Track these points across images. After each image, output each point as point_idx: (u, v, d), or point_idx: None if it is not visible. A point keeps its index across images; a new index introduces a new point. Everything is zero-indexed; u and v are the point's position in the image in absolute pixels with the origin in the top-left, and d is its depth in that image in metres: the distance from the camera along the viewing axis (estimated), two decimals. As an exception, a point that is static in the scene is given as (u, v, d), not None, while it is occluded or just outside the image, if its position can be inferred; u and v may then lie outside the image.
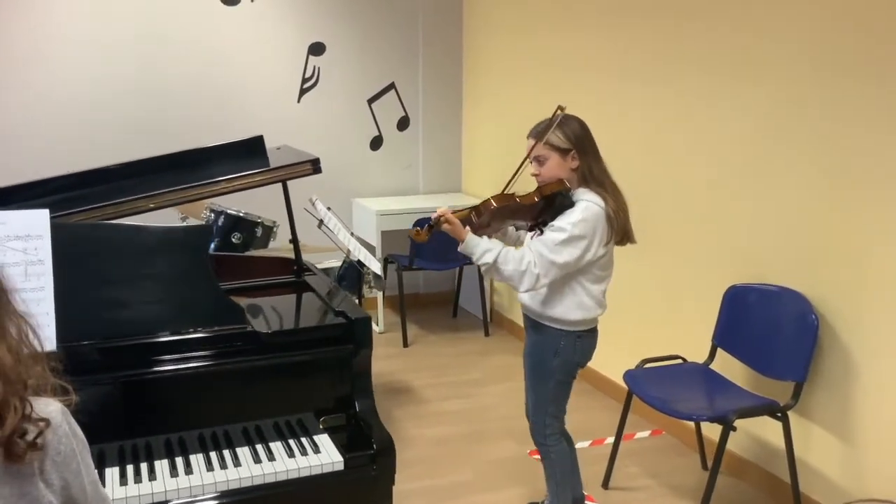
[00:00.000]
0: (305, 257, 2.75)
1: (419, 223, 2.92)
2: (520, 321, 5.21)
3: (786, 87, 3.15)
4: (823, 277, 3.04)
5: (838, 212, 2.98)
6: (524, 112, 5.10)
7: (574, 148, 2.64)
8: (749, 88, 3.31)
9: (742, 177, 3.39)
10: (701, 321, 3.54)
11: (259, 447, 2.13)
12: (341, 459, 2.07)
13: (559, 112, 2.66)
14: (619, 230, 2.66)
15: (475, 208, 2.65)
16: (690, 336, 3.61)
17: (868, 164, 2.86)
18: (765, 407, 3.04)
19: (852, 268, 2.94)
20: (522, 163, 2.72)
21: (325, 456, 2.09)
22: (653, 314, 3.98)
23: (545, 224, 2.68)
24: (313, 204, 3.18)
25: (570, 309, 2.71)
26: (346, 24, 5.44)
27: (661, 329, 3.91)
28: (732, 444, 3.53)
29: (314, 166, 2.53)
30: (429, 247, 4.73)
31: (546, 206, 2.66)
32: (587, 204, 2.61)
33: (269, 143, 5.21)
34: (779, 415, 3.03)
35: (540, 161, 2.67)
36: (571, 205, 2.63)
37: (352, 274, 2.87)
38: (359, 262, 2.85)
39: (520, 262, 2.57)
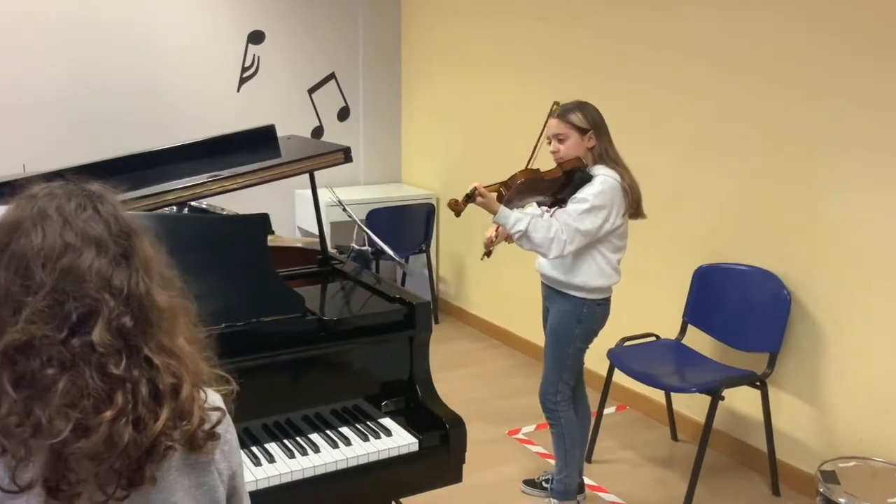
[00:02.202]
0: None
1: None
2: (470, 308, 5.37)
3: (748, 67, 3.39)
4: (790, 255, 3.32)
5: (802, 191, 3.25)
6: (462, 102, 5.24)
7: (592, 129, 2.88)
8: (710, 69, 3.55)
9: (706, 159, 3.64)
10: (668, 299, 3.77)
11: (330, 433, 2.14)
12: (416, 441, 2.12)
13: (555, 107, 2.95)
14: (633, 203, 2.90)
15: (504, 183, 2.89)
16: (660, 314, 3.83)
17: (832, 143, 3.13)
18: (745, 377, 3.28)
19: (817, 245, 3.22)
20: (539, 139, 3.03)
21: (398, 438, 2.13)
22: (622, 293, 4.18)
23: (563, 201, 2.90)
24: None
25: (592, 276, 2.93)
26: (286, 12, 5.36)
27: (631, 308, 4.11)
28: (699, 415, 3.79)
29: (346, 155, 2.54)
30: (379, 236, 4.77)
31: (566, 182, 2.89)
32: (604, 177, 2.85)
33: (212, 134, 5.11)
34: (757, 384, 3.29)
35: (560, 139, 2.90)
36: (589, 179, 2.86)
37: (361, 261, 2.89)
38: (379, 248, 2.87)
39: (548, 230, 2.78)
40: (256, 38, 5.31)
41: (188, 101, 5.11)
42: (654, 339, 3.69)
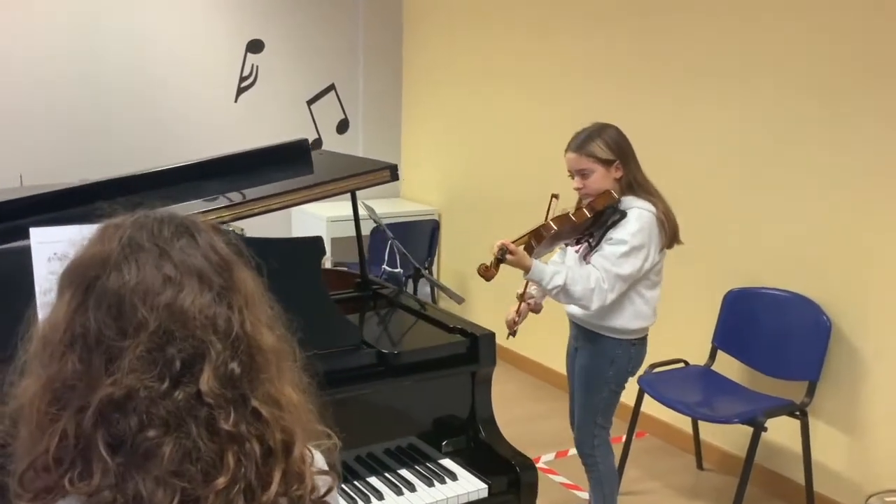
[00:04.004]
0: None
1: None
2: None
3: (790, 86, 3.28)
4: (827, 280, 3.21)
5: (840, 216, 3.16)
6: (465, 115, 5.11)
7: (617, 158, 2.63)
8: (751, 89, 3.43)
9: (735, 181, 3.53)
10: (696, 324, 3.65)
11: (389, 476, 1.97)
12: (485, 486, 1.96)
13: (554, 200, 2.64)
14: (671, 234, 2.69)
15: (534, 234, 2.62)
16: (687, 339, 3.71)
17: (870, 168, 3.04)
18: (785, 407, 3.17)
19: (855, 271, 3.13)
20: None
21: (465, 483, 1.96)
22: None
23: (591, 236, 2.68)
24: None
25: (629, 319, 2.72)
26: (285, 21, 5.18)
27: (658, 332, 3.99)
28: (728, 444, 3.68)
29: (392, 173, 2.37)
30: (378, 256, 4.61)
31: (595, 219, 2.66)
32: (640, 212, 2.62)
33: (209, 144, 4.91)
34: (797, 413, 3.18)
35: (583, 175, 2.65)
36: (622, 215, 2.63)
37: (393, 283, 2.73)
38: (416, 270, 2.70)
39: (588, 280, 2.55)
40: (255, 46, 5.12)
41: (185, 110, 4.91)
42: (682, 364, 3.57)
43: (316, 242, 2.00)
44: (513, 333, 2.82)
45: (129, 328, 0.97)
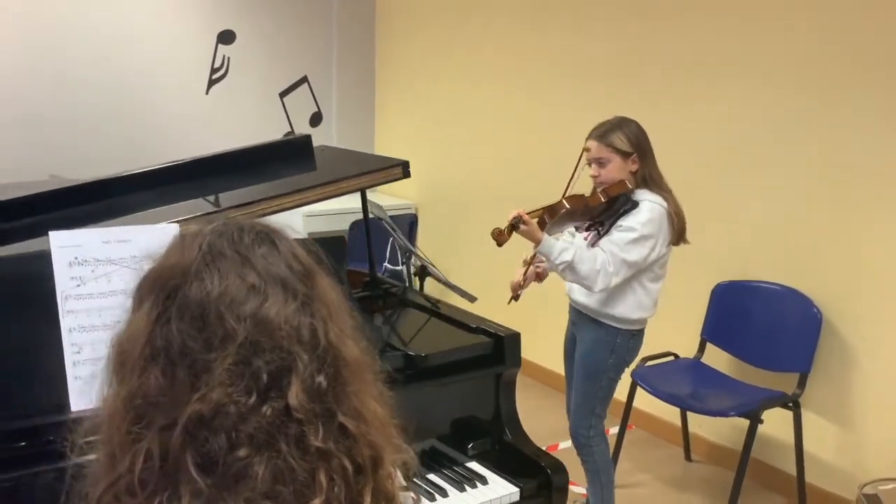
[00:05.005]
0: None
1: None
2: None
3: (780, 82, 3.32)
4: (817, 274, 3.26)
5: (831, 210, 3.21)
6: (439, 109, 5.07)
7: (635, 151, 2.69)
8: (742, 84, 3.46)
9: (725, 177, 3.56)
10: (683, 317, 3.67)
11: (418, 482, 1.92)
12: (516, 489, 1.93)
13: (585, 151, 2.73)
14: (679, 230, 2.74)
15: (548, 209, 2.67)
16: (675, 332, 3.73)
17: (860, 161, 3.09)
18: (780, 399, 3.21)
19: (845, 264, 3.18)
20: (576, 167, 2.75)
21: (497, 487, 1.93)
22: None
23: (601, 224, 2.73)
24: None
25: (631, 308, 2.77)
26: (257, 12, 5.06)
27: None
28: (714, 435, 3.72)
29: (404, 170, 2.32)
30: (357, 249, 4.53)
31: (607, 207, 2.71)
32: (651, 204, 2.68)
33: (181, 137, 4.78)
34: (790, 405, 3.22)
35: (601, 163, 2.71)
36: (633, 205, 2.68)
37: (394, 279, 2.68)
38: (422, 267, 2.65)
39: (594, 261, 2.60)
40: (227, 37, 4.99)
41: (155, 102, 4.77)
42: (672, 358, 3.59)
43: (340, 242, 1.94)
44: (515, 298, 2.84)
45: (215, 340, 0.91)
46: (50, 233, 1.60)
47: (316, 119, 5.41)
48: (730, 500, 3.12)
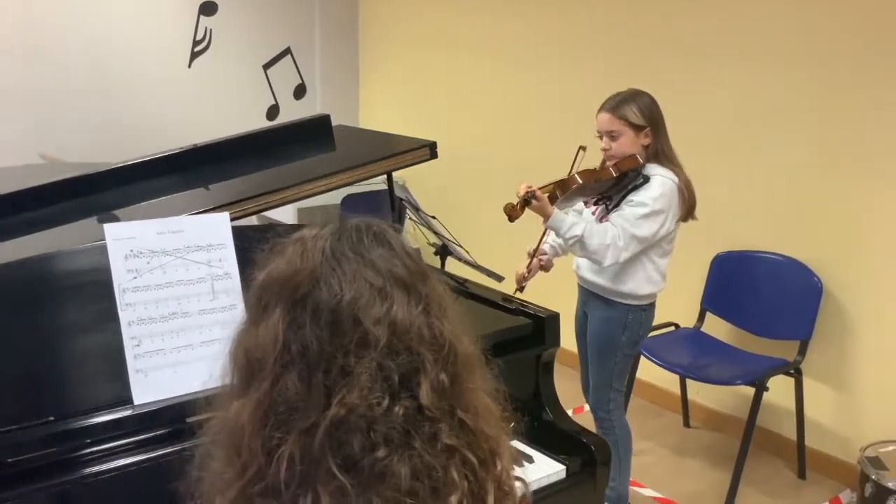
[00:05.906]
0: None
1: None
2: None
3: (779, 55, 3.36)
4: (816, 243, 3.33)
5: (830, 180, 3.27)
6: (426, 80, 5.03)
7: (648, 125, 2.67)
8: (740, 57, 3.49)
9: (727, 150, 3.60)
10: (683, 287, 3.72)
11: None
12: (563, 468, 1.95)
13: (581, 151, 2.70)
14: (689, 206, 2.74)
15: (559, 184, 2.66)
16: (674, 301, 3.78)
17: (859, 132, 3.15)
18: (783, 367, 3.29)
19: (844, 233, 3.25)
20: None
21: (544, 465, 1.95)
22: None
23: (610, 199, 2.73)
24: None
25: (640, 284, 2.78)
26: (239, -18, 4.95)
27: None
28: (712, 402, 3.81)
29: (431, 151, 2.31)
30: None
31: (617, 181, 2.70)
32: (663, 179, 2.67)
33: (164, 111, 4.67)
34: (792, 372, 3.30)
35: (613, 136, 2.68)
36: (644, 180, 2.67)
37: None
38: (443, 246, 2.63)
39: (604, 236, 2.59)
40: (208, 8, 4.88)
41: (137, 76, 4.66)
42: (672, 328, 3.65)
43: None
44: (521, 289, 2.83)
45: (351, 344, 0.92)
46: (104, 226, 1.57)
47: (300, 91, 5.34)
48: (735, 466, 3.20)
